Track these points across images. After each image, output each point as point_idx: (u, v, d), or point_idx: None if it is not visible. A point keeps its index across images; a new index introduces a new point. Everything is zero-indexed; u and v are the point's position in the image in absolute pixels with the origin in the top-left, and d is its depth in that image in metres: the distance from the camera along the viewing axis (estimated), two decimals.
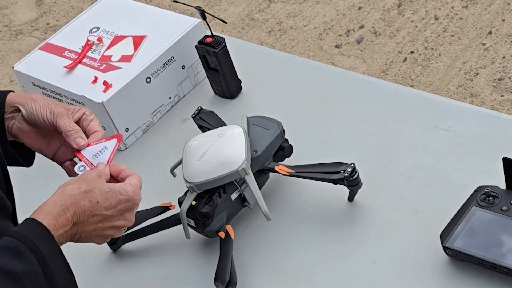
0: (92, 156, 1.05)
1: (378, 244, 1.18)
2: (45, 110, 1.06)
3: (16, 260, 0.87)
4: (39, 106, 1.06)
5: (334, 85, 1.47)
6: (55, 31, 3.20)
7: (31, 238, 0.89)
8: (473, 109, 1.35)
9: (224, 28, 3.01)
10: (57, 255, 0.92)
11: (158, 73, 1.49)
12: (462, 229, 1.10)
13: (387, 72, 2.65)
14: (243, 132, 1.23)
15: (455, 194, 1.19)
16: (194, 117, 1.39)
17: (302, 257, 1.20)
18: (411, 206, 1.21)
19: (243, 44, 1.68)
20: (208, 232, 1.21)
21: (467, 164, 1.24)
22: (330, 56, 2.77)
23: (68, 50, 1.56)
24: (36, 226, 0.91)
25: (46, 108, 1.06)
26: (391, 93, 1.42)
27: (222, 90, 1.51)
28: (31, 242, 0.89)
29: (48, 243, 0.91)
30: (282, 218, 1.25)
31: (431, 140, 1.30)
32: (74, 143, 1.05)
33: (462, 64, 2.60)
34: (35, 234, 0.90)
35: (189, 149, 1.23)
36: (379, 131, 1.35)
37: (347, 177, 1.17)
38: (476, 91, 2.50)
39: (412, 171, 1.26)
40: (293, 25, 2.95)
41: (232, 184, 1.21)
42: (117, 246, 1.29)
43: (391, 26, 2.83)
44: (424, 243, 1.15)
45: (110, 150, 1.05)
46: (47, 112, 1.06)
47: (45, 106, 1.06)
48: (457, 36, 2.71)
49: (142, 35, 1.54)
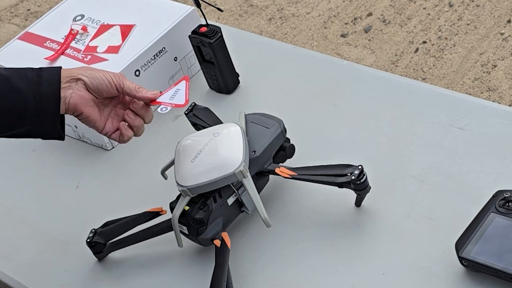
0: (169, 99, 1.18)
1: (388, 254, 1.18)
2: (108, 75, 1.17)
3: None
4: (101, 72, 1.17)
5: (339, 79, 1.47)
6: (36, 17, 3.20)
7: None
8: (491, 106, 1.34)
9: (220, 16, 3.00)
10: None
11: (148, 66, 1.49)
12: (480, 238, 1.10)
13: (397, 63, 2.65)
14: (241, 131, 1.23)
15: (471, 199, 1.19)
16: (187, 114, 1.38)
17: (304, 267, 1.19)
18: (423, 212, 1.21)
19: (241, 34, 1.67)
20: (202, 240, 1.21)
21: (484, 166, 1.24)
22: (336, 46, 2.77)
23: (49, 40, 1.55)
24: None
25: (107, 73, 1.17)
26: (402, 88, 1.42)
27: (218, 84, 1.50)
28: None
29: None
30: (282, 225, 1.25)
31: (445, 140, 1.30)
32: (149, 94, 1.18)
33: (478, 56, 2.60)
34: None
35: (181, 149, 1.23)
36: (389, 130, 1.35)
37: (354, 180, 1.17)
38: (494, 85, 2.49)
39: (425, 174, 1.26)
40: (295, 12, 2.95)
41: (229, 188, 1.20)
42: (103, 255, 1.29)
43: (401, 13, 2.82)
44: (438, 253, 1.14)
45: (183, 90, 1.19)
46: (111, 76, 1.17)
47: (105, 72, 1.17)
48: (473, 24, 2.71)
49: (131, 24, 1.53)
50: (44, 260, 1.33)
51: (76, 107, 1.14)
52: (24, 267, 1.31)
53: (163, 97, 1.18)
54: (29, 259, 1.34)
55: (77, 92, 1.14)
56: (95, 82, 1.15)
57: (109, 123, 1.19)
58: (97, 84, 1.15)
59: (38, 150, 1.52)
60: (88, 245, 1.26)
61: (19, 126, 1.12)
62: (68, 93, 1.14)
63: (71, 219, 1.38)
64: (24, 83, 1.11)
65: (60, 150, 1.50)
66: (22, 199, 1.45)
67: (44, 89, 1.11)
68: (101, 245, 1.26)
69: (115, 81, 1.17)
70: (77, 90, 1.14)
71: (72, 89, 1.14)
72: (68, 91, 1.14)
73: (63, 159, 1.49)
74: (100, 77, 1.16)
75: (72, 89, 1.14)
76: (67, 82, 1.14)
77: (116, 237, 1.27)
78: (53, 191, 1.44)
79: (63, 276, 1.29)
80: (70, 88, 1.14)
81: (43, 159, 1.50)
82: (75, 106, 1.14)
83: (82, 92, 1.15)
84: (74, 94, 1.14)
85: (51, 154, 1.50)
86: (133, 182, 1.41)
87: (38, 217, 1.40)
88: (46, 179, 1.47)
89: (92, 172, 1.45)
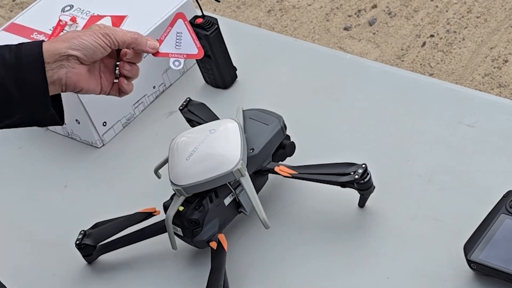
0: (175, 48, 1.13)
1: (393, 256, 1.18)
2: (97, 37, 1.11)
3: None
4: (89, 38, 1.11)
5: (342, 74, 1.47)
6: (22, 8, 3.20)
7: None
8: (501, 102, 1.35)
9: (216, 7, 3.00)
10: None
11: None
12: (489, 240, 1.10)
13: (403, 58, 2.66)
14: (238, 128, 1.23)
15: (481, 199, 1.19)
16: (182, 110, 1.39)
17: (305, 271, 1.20)
18: (430, 213, 1.21)
19: (239, 26, 1.68)
20: (197, 242, 1.21)
21: (494, 165, 1.25)
22: (338, 39, 2.77)
23: (37, 32, 1.55)
24: None
25: (95, 35, 1.11)
26: (408, 83, 1.42)
27: (215, 78, 1.50)
28: None
29: None
30: (282, 227, 1.25)
31: (453, 138, 1.30)
32: (149, 48, 1.15)
33: (489, 50, 2.60)
34: None
35: (176, 146, 1.23)
36: (394, 127, 1.35)
37: (357, 179, 1.17)
38: (505, 80, 2.50)
39: (432, 173, 1.26)
40: (296, 3, 2.95)
41: (226, 187, 1.21)
42: (92, 258, 1.29)
43: (408, 5, 2.83)
44: (445, 256, 1.15)
45: (186, 32, 1.14)
46: (101, 38, 1.11)
47: (92, 34, 1.11)
48: (483, 17, 2.71)
49: (122, 15, 1.53)
50: (31, 263, 1.33)
51: (75, 85, 1.11)
52: (9, 270, 1.31)
53: (166, 47, 1.13)
54: (14, 262, 1.34)
55: (72, 71, 1.10)
56: (89, 54, 1.11)
57: (104, 81, 1.15)
58: (91, 55, 1.11)
59: (24, 147, 1.52)
60: (77, 247, 1.26)
61: (7, 118, 1.08)
62: (62, 73, 1.09)
63: (59, 220, 1.38)
64: (2, 67, 1.06)
65: (48, 147, 1.50)
66: (8, 198, 1.45)
67: (27, 73, 1.06)
68: (90, 247, 1.26)
69: (108, 43, 1.12)
70: (72, 68, 1.10)
71: (65, 68, 1.09)
72: (61, 70, 1.09)
73: (51, 156, 1.50)
74: (93, 46, 1.10)
75: (65, 67, 1.09)
76: (57, 61, 1.09)
77: (107, 239, 1.27)
78: (41, 191, 1.44)
79: (51, 280, 1.29)
80: (63, 67, 1.09)
81: (30, 156, 1.50)
82: (74, 85, 1.11)
83: (77, 68, 1.10)
84: (69, 74, 1.09)
85: (38, 151, 1.50)
86: (124, 182, 1.41)
87: (24, 217, 1.41)
88: (33, 178, 1.47)
89: (81, 170, 1.46)
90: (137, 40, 1.14)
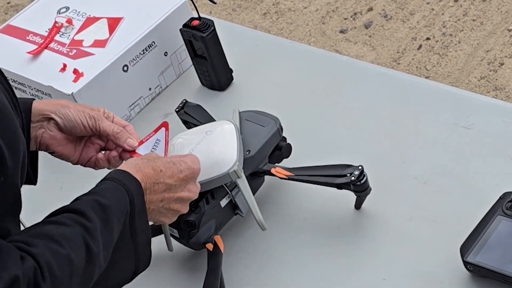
0: (150, 152, 1.16)
1: (389, 258, 1.18)
2: (83, 116, 1.15)
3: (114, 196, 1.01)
4: (75, 112, 1.15)
5: (339, 76, 1.47)
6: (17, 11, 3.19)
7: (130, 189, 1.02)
8: (498, 104, 1.35)
9: (212, 9, 3.01)
10: (143, 212, 1.04)
11: (137, 61, 1.49)
12: (486, 242, 1.10)
13: (399, 61, 2.66)
14: (235, 129, 1.23)
15: (477, 201, 1.19)
16: (178, 112, 1.39)
17: (301, 273, 1.20)
18: (427, 214, 1.21)
19: (235, 28, 1.68)
20: (194, 244, 1.21)
21: (491, 167, 1.25)
22: (334, 42, 2.78)
23: (32, 33, 1.55)
24: (133, 179, 1.03)
25: (82, 113, 1.15)
26: (404, 85, 1.42)
27: (211, 80, 1.51)
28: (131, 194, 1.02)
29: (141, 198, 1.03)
30: (278, 228, 1.26)
31: (450, 140, 1.31)
32: (126, 145, 1.17)
33: (485, 53, 2.61)
34: (133, 185, 1.02)
35: (172, 148, 1.23)
36: (390, 128, 1.35)
37: (354, 181, 1.17)
38: (501, 83, 2.50)
39: (429, 174, 1.26)
40: (292, 6, 2.96)
41: (222, 189, 1.21)
42: None
43: (404, 8, 2.83)
44: (442, 257, 1.15)
45: (163, 141, 1.18)
46: (86, 118, 1.15)
47: (80, 111, 1.15)
48: (479, 20, 2.72)
49: (119, 17, 1.53)
50: None
51: (47, 147, 1.15)
52: None
53: (144, 149, 1.17)
54: None
55: (48, 133, 1.15)
56: (68, 125, 1.15)
57: (84, 154, 1.19)
58: (70, 127, 1.15)
59: None
60: None
61: None
62: (39, 132, 1.14)
63: None
64: None
65: None
66: None
67: None
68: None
69: (90, 124, 1.16)
70: (49, 130, 1.15)
71: (43, 129, 1.14)
72: (39, 130, 1.14)
73: (46, 158, 1.49)
74: (74, 119, 1.15)
75: (44, 128, 1.14)
76: (39, 121, 1.14)
77: None
78: (36, 192, 1.44)
79: None
80: (42, 127, 1.14)
81: None
82: (47, 146, 1.15)
83: (53, 132, 1.15)
84: (45, 135, 1.14)
85: None
86: None
87: None
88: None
89: (77, 172, 1.45)
90: (117, 135, 1.17)
